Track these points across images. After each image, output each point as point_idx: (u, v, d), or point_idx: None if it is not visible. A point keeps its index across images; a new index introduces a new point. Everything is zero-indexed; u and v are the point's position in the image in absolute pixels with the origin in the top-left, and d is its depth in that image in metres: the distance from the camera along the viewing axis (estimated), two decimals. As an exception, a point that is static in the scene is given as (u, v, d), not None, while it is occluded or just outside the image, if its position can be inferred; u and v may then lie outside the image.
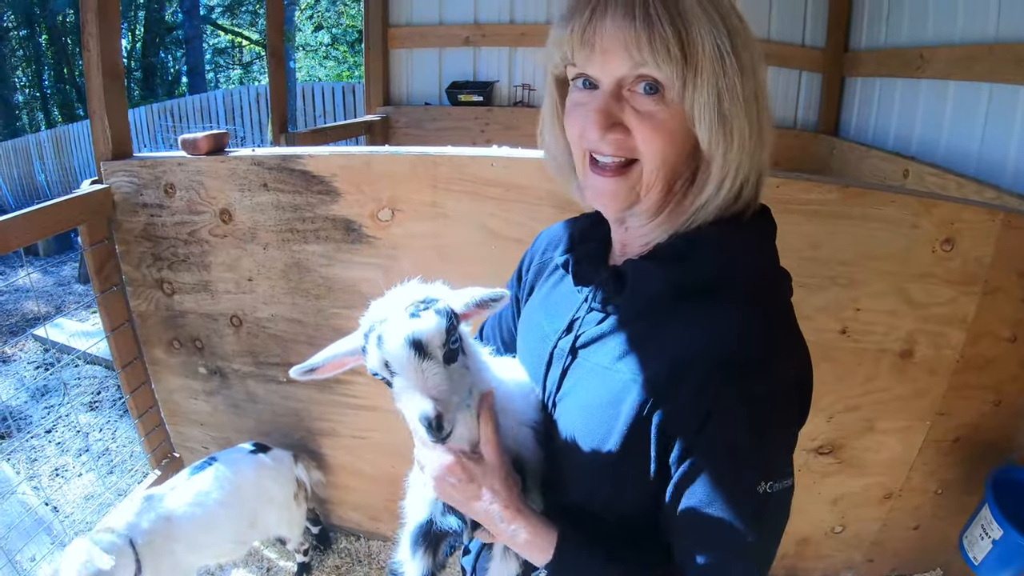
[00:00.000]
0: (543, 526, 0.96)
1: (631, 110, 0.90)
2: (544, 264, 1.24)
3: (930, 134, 3.39)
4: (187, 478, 2.26)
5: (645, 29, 0.85)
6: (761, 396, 0.88)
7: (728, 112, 0.88)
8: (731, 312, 0.91)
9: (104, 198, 2.29)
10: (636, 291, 0.97)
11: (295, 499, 2.45)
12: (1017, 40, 2.73)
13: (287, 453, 2.48)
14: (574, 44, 0.91)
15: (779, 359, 0.93)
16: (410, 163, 2.10)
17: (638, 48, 0.86)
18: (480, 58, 5.16)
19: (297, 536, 2.53)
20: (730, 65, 0.87)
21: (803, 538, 2.54)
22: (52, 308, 6.49)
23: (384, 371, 0.91)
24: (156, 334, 2.52)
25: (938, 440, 2.31)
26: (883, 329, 2.12)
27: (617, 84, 0.90)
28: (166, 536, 2.09)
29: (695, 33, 0.86)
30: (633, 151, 0.92)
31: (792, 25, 4.54)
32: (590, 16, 0.88)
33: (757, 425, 0.88)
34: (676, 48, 0.85)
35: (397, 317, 0.90)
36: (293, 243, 2.25)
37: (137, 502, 2.12)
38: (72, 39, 17.59)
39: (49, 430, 4.07)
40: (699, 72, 0.86)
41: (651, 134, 0.90)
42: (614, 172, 0.94)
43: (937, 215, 1.97)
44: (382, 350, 0.89)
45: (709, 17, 0.86)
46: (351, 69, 19.09)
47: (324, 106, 11.45)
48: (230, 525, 2.27)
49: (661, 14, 0.85)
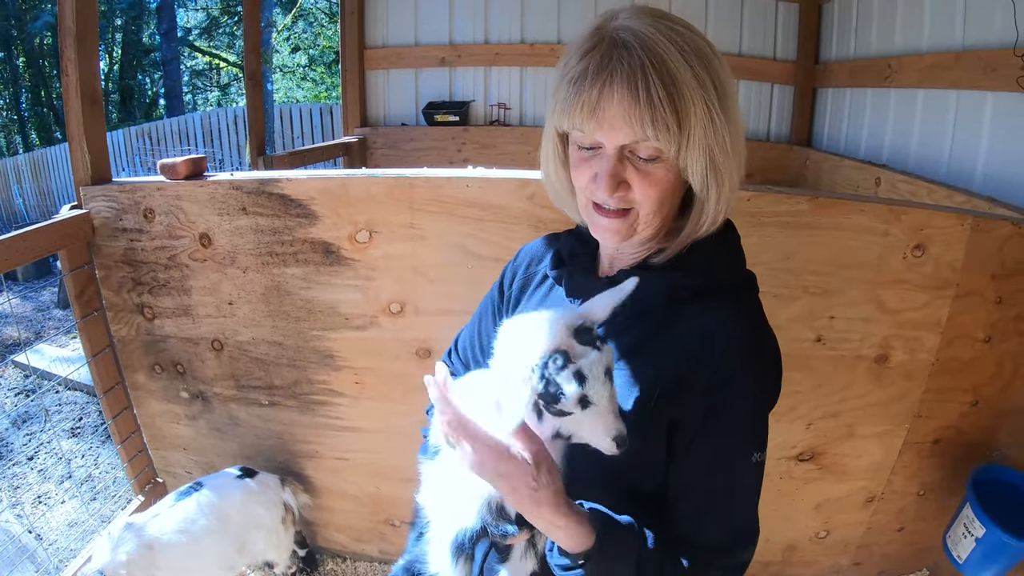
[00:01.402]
0: (583, 514, 0.99)
1: (632, 168, 1.03)
2: (529, 278, 1.33)
3: (901, 142, 3.44)
4: (172, 504, 2.23)
5: (648, 110, 0.96)
6: (758, 376, 1.06)
7: (719, 162, 1.03)
8: (728, 309, 1.07)
9: (84, 223, 2.28)
10: (636, 299, 1.03)
11: (283, 523, 2.43)
12: (983, 47, 2.79)
13: (274, 477, 2.47)
14: (583, 117, 1.01)
15: (767, 345, 1.10)
16: (387, 185, 2.11)
17: (641, 126, 0.97)
18: (456, 78, 5.20)
19: (285, 560, 2.50)
20: (719, 121, 1.00)
21: (789, 545, 2.56)
22: (32, 334, 6.43)
23: (574, 406, 0.92)
24: (137, 359, 2.51)
25: (918, 443, 2.34)
26: (858, 336, 2.15)
27: (620, 149, 1.02)
28: (148, 565, 2.05)
29: (689, 104, 0.97)
30: (632, 202, 1.06)
31: (763, 39, 4.62)
32: (598, 95, 0.98)
33: (756, 401, 1.06)
34: (674, 123, 0.97)
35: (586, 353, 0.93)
36: (273, 266, 2.26)
37: (116, 532, 2.07)
38: (50, 62, 17.50)
39: (31, 457, 4.02)
40: (692, 136, 0.99)
41: (649, 189, 1.04)
42: (616, 214, 1.07)
43: (907, 222, 2.01)
44: (586, 387, 0.91)
45: (700, 82, 0.98)
46: (328, 90, 19.11)
47: (302, 127, 11.46)
48: (218, 551, 2.24)
49: (662, 95, 0.96)
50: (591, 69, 0.99)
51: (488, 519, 1.04)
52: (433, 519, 1.16)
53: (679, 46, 0.97)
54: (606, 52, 0.98)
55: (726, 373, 1.02)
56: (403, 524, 2.61)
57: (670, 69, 0.96)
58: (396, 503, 2.59)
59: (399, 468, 2.44)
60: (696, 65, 0.97)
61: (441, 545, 1.11)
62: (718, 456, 1.04)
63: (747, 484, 1.08)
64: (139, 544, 2.05)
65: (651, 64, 0.95)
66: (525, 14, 4.93)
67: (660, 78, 0.95)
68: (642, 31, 0.98)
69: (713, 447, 1.04)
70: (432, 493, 1.17)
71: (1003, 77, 2.60)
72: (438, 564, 1.11)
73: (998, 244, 2.05)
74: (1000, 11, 2.65)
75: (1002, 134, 2.70)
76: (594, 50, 1.00)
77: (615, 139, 1.00)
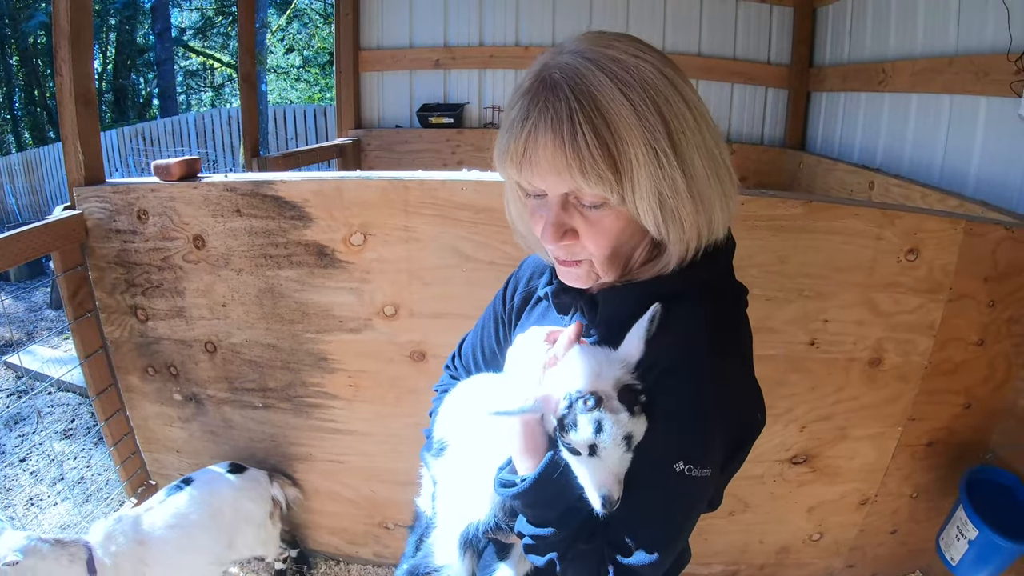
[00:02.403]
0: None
1: (579, 216, 0.96)
2: (529, 293, 1.30)
3: (894, 146, 3.46)
4: (163, 499, 2.25)
5: (576, 158, 0.88)
6: (710, 379, 0.95)
7: (672, 205, 0.93)
8: (692, 311, 0.99)
9: (77, 224, 2.28)
10: (607, 314, 1.05)
11: (271, 518, 2.46)
12: (976, 52, 2.81)
13: (262, 473, 2.49)
14: (516, 167, 0.94)
15: (729, 353, 0.99)
16: (381, 188, 2.11)
17: (570, 175, 0.89)
18: (450, 80, 5.21)
19: (274, 553, 2.54)
20: (667, 162, 0.90)
21: (782, 547, 2.56)
22: (24, 335, 6.39)
23: (583, 448, 0.92)
24: (130, 361, 2.50)
25: (911, 445, 2.35)
26: (852, 339, 2.15)
27: (563, 196, 0.95)
28: (138, 560, 2.08)
29: (627, 146, 0.88)
30: (583, 252, 1.00)
31: (757, 43, 4.65)
32: (524, 143, 0.91)
33: (697, 405, 0.94)
34: (608, 171, 0.88)
35: (618, 409, 0.92)
36: (267, 268, 2.25)
37: (110, 522, 2.10)
38: (44, 61, 17.42)
39: (23, 459, 4.00)
40: (635, 181, 0.90)
41: (597, 238, 0.97)
42: (573, 263, 1.02)
43: (901, 226, 2.02)
44: (598, 437, 0.91)
45: (642, 120, 0.88)
46: (322, 91, 19.08)
47: (296, 129, 11.44)
48: (208, 546, 2.27)
49: (590, 140, 0.87)
50: (519, 115, 0.92)
51: (501, 516, 1.05)
52: (441, 513, 1.18)
53: (619, 80, 0.88)
54: (536, 95, 0.90)
55: (664, 365, 0.94)
56: (397, 527, 2.61)
57: (603, 110, 0.87)
58: (391, 506, 2.58)
59: (394, 471, 2.44)
60: (639, 101, 0.87)
61: (449, 538, 1.12)
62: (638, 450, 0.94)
63: (660, 488, 0.94)
64: (131, 539, 2.09)
65: (579, 106, 0.87)
66: (520, 17, 4.95)
67: (590, 121, 0.87)
68: (576, 66, 0.89)
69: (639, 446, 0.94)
70: (440, 488, 1.19)
71: (996, 82, 2.62)
72: (445, 556, 1.13)
73: (991, 248, 2.06)
74: (993, 16, 2.67)
75: (995, 139, 2.72)
76: (528, 91, 0.92)
77: (552, 188, 0.94)
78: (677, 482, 0.92)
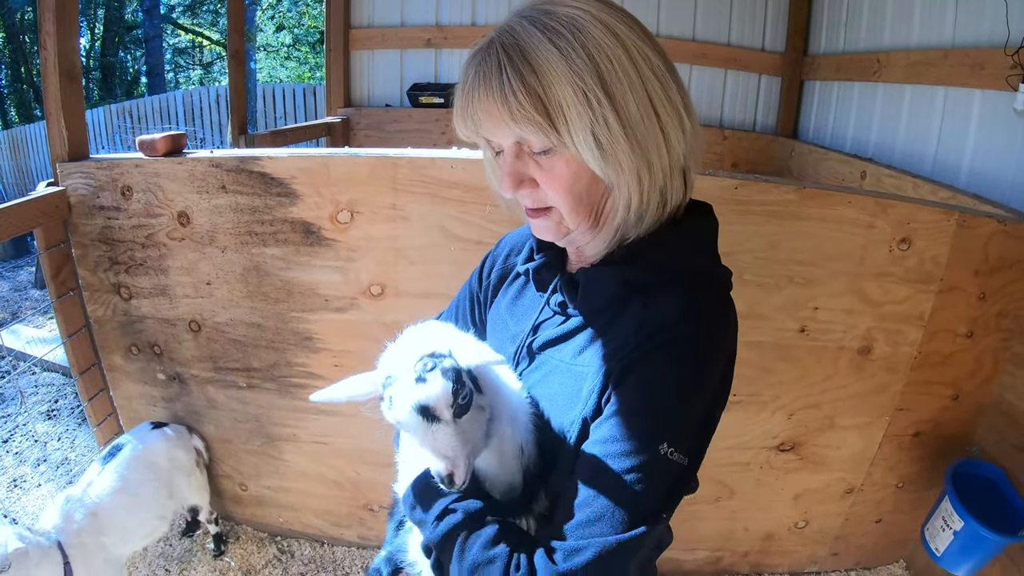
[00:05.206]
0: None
1: (534, 164, 0.98)
2: (507, 270, 1.30)
3: (887, 136, 3.45)
4: (100, 470, 2.29)
5: (505, 105, 0.91)
6: (686, 364, 0.94)
7: (609, 146, 0.92)
8: (670, 296, 0.98)
9: (60, 201, 2.24)
10: (587, 295, 1.05)
11: (198, 466, 2.57)
12: (972, 45, 2.80)
13: (182, 427, 2.57)
14: (465, 124, 1.00)
15: (709, 336, 0.98)
16: (369, 165, 2.08)
17: (506, 123, 0.93)
18: (441, 60, 5.14)
19: (207, 502, 2.63)
20: (598, 104, 0.90)
21: (767, 534, 2.57)
22: (8, 314, 6.32)
23: (399, 427, 0.92)
24: (114, 340, 2.47)
25: (898, 435, 2.35)
26: (841, 327, 2.15)
27: (514, 146, 0.98)
28: (96, 531, 2.11)
29: (554, 90, 0.90)
30: (545, 200, 1.01)
31: (752, 30, 4.63)
32: (467, 100, 0.97)
33: (675, 389, 0.93)
34: (539, 115, 0.91)
35: (405, 381, 0.90)
36: (252, 246, 2.22)
37: (60, 502, 2.13)
38: (30, 37, 17.17)
39: (6, 440, 3.96)
40: (569, 123, 0.91)
41: (553, 184, 0.98)
42: (539, 213, 1.04)
43: (893, 215, 2.01)
44: (392, 414, 0.91)
45: (570, 64, 0.90)
46: (312, 70, 18.89)
47: (285, 107, 11.32)
48: (153, 499, 2.36)
49: (516, 87, 0.90)
50: (462, 77, 0.98)
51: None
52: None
53: (548, 29, 0.90)
54: (474, 56, 0.96)
55: (647, 347, 0.94)
56: (382, 510, 2.60)
57: (530, 58, 0.90)
58: (375, 488, 2.57)
59: (378, 453, 2.42)
60: (566, 46, 0.89)
61: (416, 535, 1.11)
62: (614, 433, 0.92)
63: (643, 470, 0.89)
64: (85, 513, 2.13)
65: (507, 58, 0.91)
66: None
67: (516, 70, 0.90)
68: (510, 24, 0.94)
69: (614, 422, 0.92)
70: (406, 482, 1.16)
71: (991, 75, 2.61)
72: (415, 552, 1.11)
73: (983, 241, 2.06)
74: (990, 9, 2.66)
75: (989, 132, 2.72)
76: (471, 56, 0.98)
77: (499, 138, 0.98)
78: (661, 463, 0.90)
